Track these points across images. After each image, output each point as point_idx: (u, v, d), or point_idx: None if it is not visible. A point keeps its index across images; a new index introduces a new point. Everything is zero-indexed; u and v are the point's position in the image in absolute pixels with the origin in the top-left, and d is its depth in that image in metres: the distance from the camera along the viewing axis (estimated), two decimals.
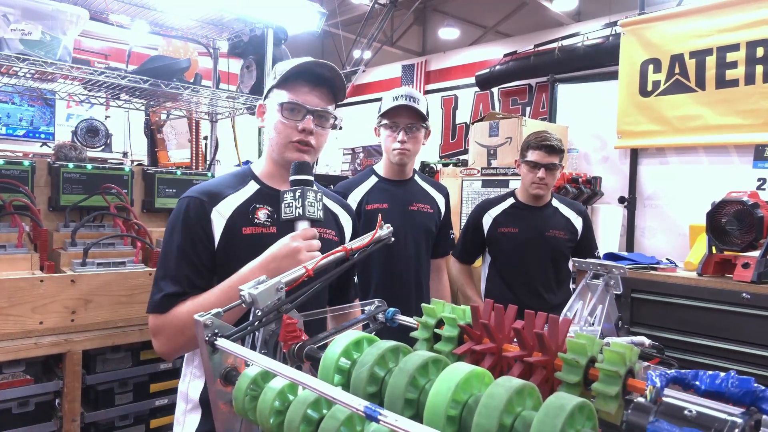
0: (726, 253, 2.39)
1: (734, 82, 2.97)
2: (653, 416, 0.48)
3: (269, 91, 1.30)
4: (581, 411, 0.53)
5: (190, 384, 1.25)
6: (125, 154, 5.04)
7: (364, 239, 1.00)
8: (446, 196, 2.22)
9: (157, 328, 1.15)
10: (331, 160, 9.52)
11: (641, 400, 0.51)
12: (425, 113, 1.99)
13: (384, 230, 1.03)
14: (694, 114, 3.04)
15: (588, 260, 0.99)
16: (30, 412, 1.53)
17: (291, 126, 1.25)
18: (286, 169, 1.19)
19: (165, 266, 1.18)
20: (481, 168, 3.33)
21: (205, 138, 2.92)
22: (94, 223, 1.93)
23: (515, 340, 0.76)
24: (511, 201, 2.43)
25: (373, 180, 2.09)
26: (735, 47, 2.98)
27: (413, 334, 0.85)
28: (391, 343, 0.71)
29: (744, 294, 2.24)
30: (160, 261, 1.21)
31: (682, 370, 0.53)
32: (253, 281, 0.86)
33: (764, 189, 2.67)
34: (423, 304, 0.85)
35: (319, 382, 0.65)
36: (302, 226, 1.13)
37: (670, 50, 3.21)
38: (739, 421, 0.44)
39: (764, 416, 0.46)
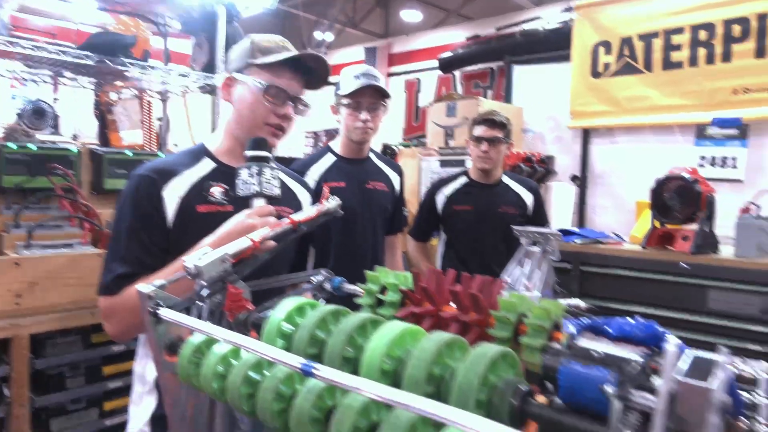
0: (668, 226, 2.51)
1: (679, 64, 3.10)
2: (566, 359, 0.52)
3: (244, 66, 1.27)
4: (504, 359, 0.56)
5: (147, 365, 1.24)
6: (75, 137, 4.86)
7: (312, 212, 1.02)
8: (400, 174, 2.25)
9: (108, 310, 1.13)
10: (293, 143, 9.42)
11: (556, 345, 0.55)
12: (387, 90, 2.01)
13: (331, 203, 1.05)
14: (642, 95, 3.15)
15: (527, 228, 1.03)
16: None
17: (271, 109, 1.24)
18: (243, 146, 1.18)
19: (115, 247, 1.17)
20: (439, 148, 3.37)
21: (160, 119, 2.85)
22: (39, 205, 1.87)
23: (453, 303, 0.79)
24: (464, 179, 2.48)
25: (330, 158, 2.10)
26: (680, 30, 3.09)
27: (357, 300, 0.88)
28: (332, 306, 0.74)
29: (683, 264, 2.37)
30: (110, 241, 1.19)
31: (598, 318, 0.57)
32: (198, 252, 0.86)
33: (704, 166, 2.80)
34: (367, 272, 0.87)
35: (259, 343, 0.67)
36: (258, 203, 1.12)
37: (620, 33, 3.30)
38: (640, 359, 0.49)
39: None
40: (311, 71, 1.29)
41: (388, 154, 4.17)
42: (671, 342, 0.45)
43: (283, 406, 0.61)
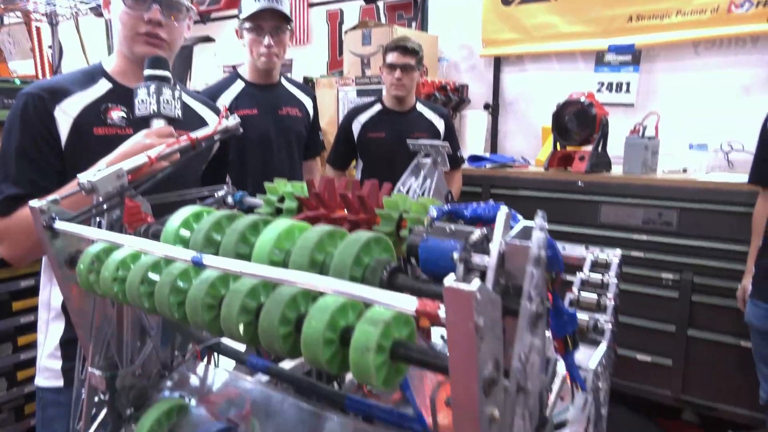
0: (567, 148, 2.70)
1: None
2: (426, 236, 0.60)
3: None
4: (377, 243, 0.64)
5: (52, 291, 1.24)
6: None
7: (210, 129, 1.03)
8: (313, 98, 2.25)
9: (0, 233, 1.11)
10: (210, 78, 8.95)
11: (420, 227, 0.63)
12: (288, 14, 1.97)
13: (230, 120, 1.06)
14: (548, 22, 3.26)
15: (419, 141, 1.10)
16: None
17: (136, 17, 1.19)
18: (141, 66, 1.14)
19: (5, 168, 1.13)
20: (356, 77, 3.36)
21: (50, 47, 2.63)
22: None
23: (345, 206, 0.86)
24: (378, 107, 2.53)
25: (239, 85, 2.06)
26: None
27: (257, 210, 0.93)
28: (227, 211, 0.78)
29: (579, 182, 2.58)
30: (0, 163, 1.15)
31: (458, 204, 0.66)
32: (93, 169, 0.87)
33: (602, 91, 3.00)
34: (266, 183, 0.92)
35: (153, 242, 0.71)
36: (158, 124, 1.11)
37: None
38: (482, 231, 0.57)
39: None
40: None
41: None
42: (502, 211, 0.54)
43: (180, 299, 0.66)
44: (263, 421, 0.84)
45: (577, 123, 2.58)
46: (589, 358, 0.83)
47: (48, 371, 1.18)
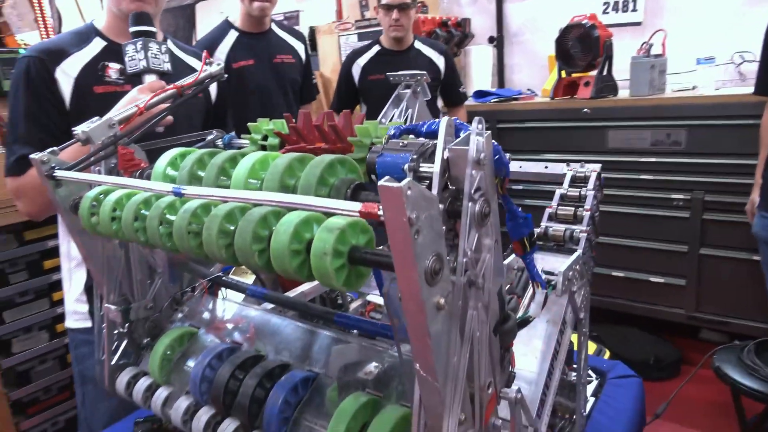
0: (573, 75, 2.65)
1: None
2: (382, 152, 0.64)
3: None
4: (342, 164, 0.68)
5: (70, 243, 1.33)
6: None
7: (193, 77, 1.07)
8: (304, 42, 2.25)
9: (16, 191, 1.20)
10: None
11: (378, 146, 0.67)
12: None
13: (214, 66, 1.10)
14: None
15: (399, 72, 1.12)
16: None
17: None
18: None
19: (14, 130, 1.20)
20: (355, 21, 3.32)
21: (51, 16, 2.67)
22: None
23: (321, 138, 0.90)
24: (376, 48, 2.51)
25: (233, 35, 2.07)
26: None
27: (243, 150, 0.97)
28: (209, 149, 0.83)
29: (585, 110, 2.55)
30: (9, 125, 1.22)
31: (415, 123, 0.69)
32: (87, 122, 0.92)
33: (608, 12, 2.90)
34: (249, 123, 0.96)
35: (139, 181, 0.77)
36: (150, 79, 1.15)
37: None
38: (430, 143, 0.61)
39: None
40: None
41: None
42: (444, 120, 0.57)
43: (168, 230, 0.72)
44: (265, 341, 0.92)
45: (581, 47, 2.52)
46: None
47: (76, 314, 1.29)
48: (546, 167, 1.08)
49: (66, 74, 1.22)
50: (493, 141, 0.60)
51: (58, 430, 1.94)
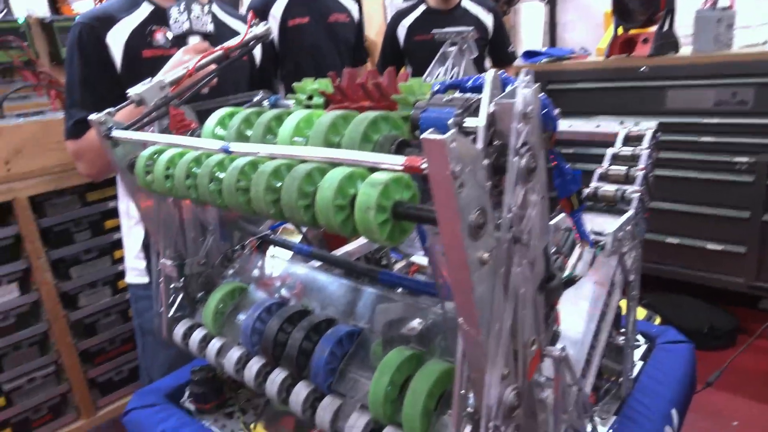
0: (630, 32, 2.51)
1: None
2: (426, 108, 0.63)
3: None
4: (386, 120, 0.68)
5: (129, 203, 1.39)
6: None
7: (240, 38, 1.08)
8: (358, 1, 2.22)
9: (76, 153, 1.26)
10: None
11: (422, 102, 0.66)
12: None
13: (260, 27, 1.10)
14: None
15: (445, 29, 1.10)
16: None
17: None
18: None
19: (71, 94, 1.25)
20: None
21: None
22: (3, 80, 1.91)
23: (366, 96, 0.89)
24: (422, 8, 2.45)
25: None
26: None
27: (289, 109, 0.99)
28: (257, 108, 0.85)
29: (642, 68, 2.42)
30: (66, 91, 1.27)
31: (460, 78, 0.68)
32: (140, 84, 0.95)
33: None
34: (294, 84, 0.96)
35: (189, 138, 0.80)
36: (194, 41, 1.18)
37: None
38: (474, 97, 0.60)
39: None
40: None
41: None
42: (490, 74, 0.56)
43: (218, 187, 0.75)
44: (311, 297, 0.94)
45: (640, 1, 2.37)
46: None
47: (135, 270, 1.36)
48: (598, 126, 1.04)
49: (116, 39, 1.26)
50: (542, 94, 0.58)
51: (122, 378, 2.08)
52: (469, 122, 0.57)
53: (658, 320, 1.96)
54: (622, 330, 0.97)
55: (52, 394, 1.90)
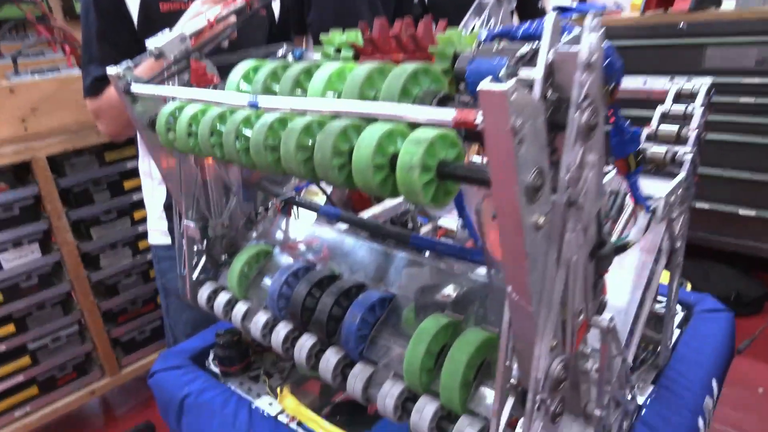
0: None
1: None
2: (473, 58, 0.58)
3: None
4: (426, 74, 0.63)
5: (150, 163, 1.36)
6: None
7: None
8: None
9: (96, 111, 1.22)
10: None
11: (467, 52, 0.61)
12: None
13: None
14: None
15: None
16: (16, 216, 1.68)
17: None
18: None
19: (89, 51, 1.21)
20: None
21: None
22: (16, 35, 1.87)
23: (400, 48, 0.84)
24: None
25: None
26: None
27: (317, 61, 0.93)
28: (283, 61, 0.80)
29: (681, 24, 2.29)
30: (83, 47, 1.23)
31: (508, 26, 0.62)
32: (159, 36, 0.90)
33: None
34: (321, 36, 0.91)
35: (214, 92, 0.75)
36: None
37: None
38: (528, 46, 0.54)
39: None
40: None
41: None
42: (550, 16, 0.50)
43: (245, 145, 0.70)
44: (339, 261, 0.91)
45: None
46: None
47: (157, 231, 1.34)
48: (645, 83, 0.97)
49: None
50: (606, 42, 0.53)
51: (145, 337, 2.11)
52: (524, 73, 0.52)
53: (689, 286, 1.91)
54: (658, 298, 0.93)
55: (77, 353, 1.92)
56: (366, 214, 1.10)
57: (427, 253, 0.89)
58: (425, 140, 0.51)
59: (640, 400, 0.88)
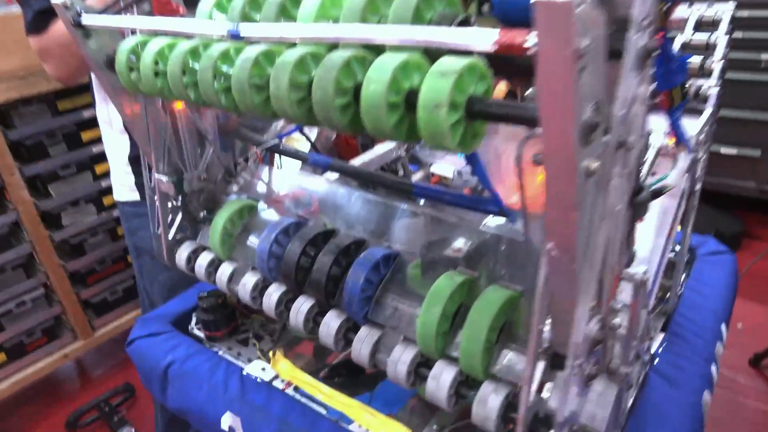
0: None
1: None
2: None
3: None
4: None
5: (109, 109, 1.22)
6: None
7: None
8: None
9: (41, 51, 1.07)
10: None
11: None
12: None
13: None
14: None
15: None
16: None
17: None
18: None
19: None
20: None
21: None
22: None
23: None
24: None
25: None
26: None
27: None
28: None
29: None
30: None
31: None
32: None
33: None
34: None
35: (184, 21, 0.64)
36: None
37: None
38: None
39: None
40: None
41: None
42: None
43: (226, 85, 0.60)
44: (332, 215, 0.83)
45: None
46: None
47: (123, 186, 1.22)
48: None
49: None
50: None
51: (117, 298, 2.01)
52: None
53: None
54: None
55: (45, 317, 1.82)
56: (355, 163, 1.01)
57: (422, 202, 0.82)
58: (453, 72, 0.43)
59: (652, 348, 0.85)
